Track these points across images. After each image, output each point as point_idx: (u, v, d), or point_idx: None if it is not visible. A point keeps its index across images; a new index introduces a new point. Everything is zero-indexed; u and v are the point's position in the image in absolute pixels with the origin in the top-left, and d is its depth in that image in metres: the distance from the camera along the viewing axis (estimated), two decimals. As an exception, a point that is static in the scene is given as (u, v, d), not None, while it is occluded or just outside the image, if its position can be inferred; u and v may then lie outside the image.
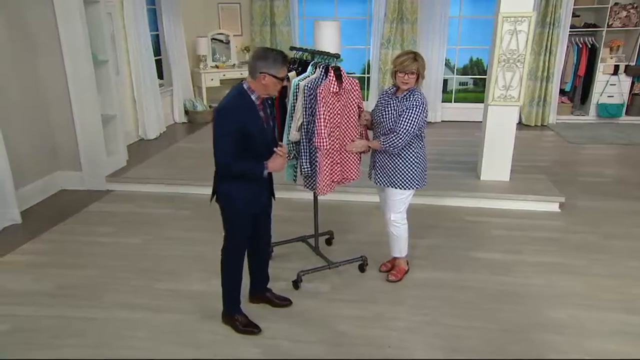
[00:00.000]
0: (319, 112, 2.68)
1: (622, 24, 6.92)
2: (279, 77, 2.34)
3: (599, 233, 3.89)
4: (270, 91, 2.40)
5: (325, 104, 2.70)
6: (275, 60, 2.32)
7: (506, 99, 4.49)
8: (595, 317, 2.84)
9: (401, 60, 2.81)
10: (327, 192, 2.93)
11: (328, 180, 2.88)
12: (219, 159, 2.37)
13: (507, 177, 4.69)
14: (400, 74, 2.81)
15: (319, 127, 2.71)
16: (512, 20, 4.23)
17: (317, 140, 2.72)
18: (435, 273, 3.35)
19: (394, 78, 2.88)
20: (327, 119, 2.72)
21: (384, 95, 3.02)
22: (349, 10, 7.87)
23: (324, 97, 2.70)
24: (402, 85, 2.85)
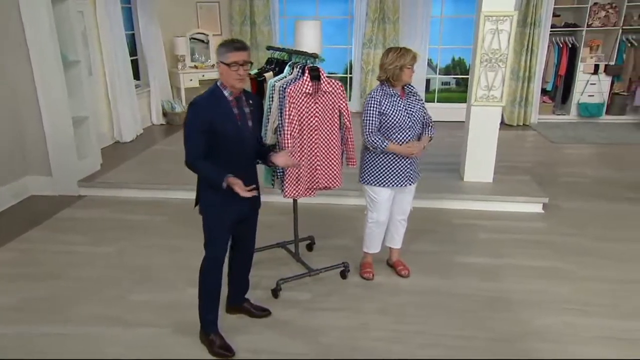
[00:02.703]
0: (285, 112, 2.57)
1: (602, 23, 6.96)
2: (226, 63, 2.21)
3: (585, 235, 3.85)
4: (228, 81, 2.25)
5: (295, 105, 2.60)
6: (225, 46, 2.21)
7: (489, 99, 4.43)
8: (587, 323, 2.78)
9: (411, 56, 2.84)
10: (298, 196, 2.82)
11: (295, 183, 2.76)
12: (186, 156, 2.27)
13: (490, 178, 4.64)
14: (408, 70, 2.84)
15: (284, 127, 2.59)
16: (494, 19, 4.18)
17: (281, 139, 2.61)
18: (421, 279, 3.26)
19: (399, 75, 2.83)
20: (293, 120, 2.60)
21: (388, 98, 2.89)
22: (330, 9, 7.78)
23: (293, 97, 2.59)
24: (408, 79, 2.88)
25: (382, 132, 2.93)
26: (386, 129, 2.91)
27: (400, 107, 2.90)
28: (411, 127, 2.92)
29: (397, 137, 2.92)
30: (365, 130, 2.92)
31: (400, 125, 2.90)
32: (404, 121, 2.90)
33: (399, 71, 2.83)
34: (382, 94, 2.91)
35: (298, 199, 3.03)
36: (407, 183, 3.04)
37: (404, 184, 3.03)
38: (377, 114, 2.90)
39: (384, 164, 2.97)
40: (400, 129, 2.91)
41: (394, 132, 2.91)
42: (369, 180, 3.04)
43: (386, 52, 2.93)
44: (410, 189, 3.14)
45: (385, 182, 2.99)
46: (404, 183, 3.02)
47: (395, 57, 2.83)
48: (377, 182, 3.01)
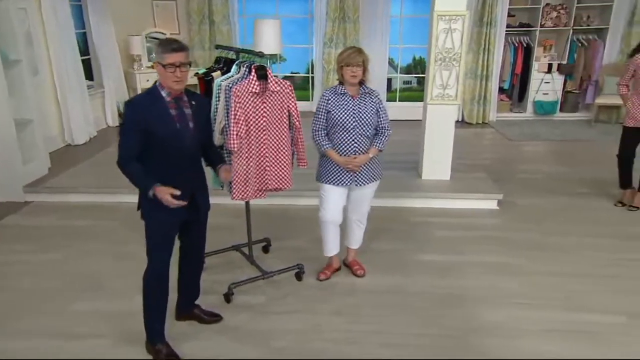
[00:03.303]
0: (231, 112, 2.51)
1: (554, 24, 7.17)
2: (163, 64, 2.13)
3: (537, 230, 3.93)
4: (166, 82, 2.17)
5: (241, 104, 2.54)
6: (162, 47, 2.13)
7: (444, 98, 4.48)
8: (533, 317, 2.82)
9: (347, 54, 2.79)
10: (247, 198, 2.76)
11: (243, 185, 2.70)
12: (118, 159, 2.18)
13: (447, 176, 4.69)
14: (348, 68, 2.78)
15: (230, 127, 2.53)
16: (446, 18, 4.22)
17: (227, 140, 2.55)
18: (378, 278, 3.25)
19: (341, 74, 2.82)
20: (240, 120, 2.54)
21: (337, 97, 2.87)
22: (290, 8, 7.72)
23: (239, 96, 2.53)
24: (350, 79, 2.81)
25: (328, 130, 2.91)
26: (331, 127, 2.89)
27: (347, 107, 2.86)
28: (356, 128, 2.86)
29: (340, 136, 2.88)
30: (312, 127, 2.92)
31: (343, 125, 2.86)
32: (348, 121, 2.85)
33: (340, 70, 2.82)
34: (332, 92, 2.90)
35: (247, 201, 2.95)
36: (358, 184, 3.00)
37: (354, 184, 2.99)
38: (325, 111, 2.88)
39: (332, 162, 2.93)
40: (343, 128, 2.86)
41: (337, 131, 2.88)
42: (321, 177, 3.01)
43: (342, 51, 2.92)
44: (364, 189, 3.09)
45: (334, 180, 2.96)
46: (351, 183, 2.98)
47: (338, 56, 2.84)
48: (327, 180, 2.98)
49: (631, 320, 2.77)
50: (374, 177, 3.08)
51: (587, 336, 2.65)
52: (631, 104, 4.13)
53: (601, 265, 3.37)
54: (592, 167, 5.36)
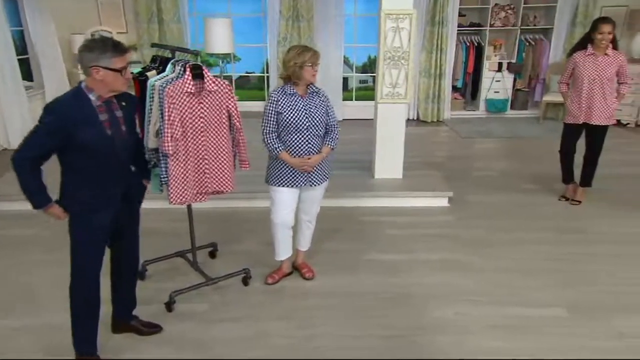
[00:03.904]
0: (165, 113, 2.40)
1: (502, 23, 7.35)
2: (114, 69, 2.01)
3: (485, 227, 3.99)
4: (115, 86, 2.07)
5: (175, 105, 2.43)
6: (104, 49, 1.99)
7: (394, 97, 4.49)
8: (480, 313, 2.85)
9: (311, 53, 2.76)
10: (186, 202, 2.66)
11: (180, 188, 2.59)
12: (18, 152, 2.04)
13: (400, 174, 4.70)
14: (310, 68, 2.75)
15: (164, 129, 2.42)
16: (394, 17, 4.23)
17: (161, 143, 2.44)
18: (327, 280, 3.20)
19: (300, 74, 2.75)
20: (174, 122, 2.44)
21: (287, 98, 2.81)
22: (243, 7, 7.58)
23: (173, 96, 2.42)
24: (311, 78, 2.80)
25: (279, 132, 2.85)
26: (283, 128, 2.83)
27: (299, 107, 2.82)
28: (309, 128, 2.84)
29: (294, 137, 2.83)
30: (262, 130, 2.84)
31: (297, 126, 2.81)
32: (302, 122, 2.82)
33: (299, 70, 2.75)
34: (281, 92, 2.83)
35: (189, 205, 2.84)
36: (311, 184, 2.97)
37: (307, 184, 2.95)
38: (275, 113, 2.81)
39: (284, 163, 2.88)
40: (297, 129, 2.82)
41: (290, 132, 2.83)
42: (271, 180, 2.94)
43: (288, 49, 2.86)
44: (316, 190, 3.06)
45: (286, 182, 2.90)
46: (305, 183, 2.94)
47: (294, 55, 2.76)
48: (278, 182, 2.92)
49: (571, 312, 2.84)
50: (326, 176, 3.07)
51: (530, 330, 2.70)
52: (570, 102, 4.26)
53: (544, 260, 3.45)
54: (539, 163, 5.50)
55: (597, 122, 4.17)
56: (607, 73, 4.07)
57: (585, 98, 4.14)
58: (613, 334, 2.66)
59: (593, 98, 4.12)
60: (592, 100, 4.12)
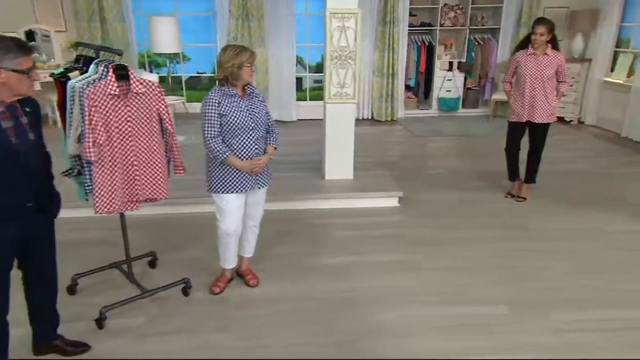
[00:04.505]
0: (85, 117, 2.24)
1: (452, 23, 7.47)
2: (20, 70, 1.85)
3: (434, 225, 4.00)
4: (20, 90, 1.90)
5: (97, 108, 2.28)
6: (7, 49, 1.82)
7: (342, 97, 4.44)
8: (425, 314, 2.83)
9: (248, 54, 2.67)
10: (114, 211, 2.50)
11: (107, 197, 2.44)
12: None
13: (350, 175, 4.66)
14: (249, 67, 2.68)
15: (85, 134, 2.27)
16: (339, 16, 4.18)
17: (82, 149, 2.28)
18: (272, 287, 3.11)
19: (238, 74, 2.66)
20: (97, 126, 2.29)
21: (228, 99, 2.70)
22: (191, 6, 7.37)
23: (94, 99, 2.27)
24: (249, 78, 2.73)
25: (223, 136, 2.72)
26: (227, 131, 2.71)
27: (242, 108, 2.73)
28: (254, 128, 2.76)
29: (240, 140, 2.73)
30: (205, 135, 2.70)
31: (242, 127, 2.71)
32: (247, 122, 2.72)
33: (237, 70, 2.66)
34: (220, 94, 2.72)
35: (115, 214, 2.68)
36: (258, 186, 2.88)
37: (254, 187, 2.85)
38: (217, 116, 2.69)
39: (230, 168, 2.76)
40: (242, 130, 2.72)
41: (236, 134, 2.72)
42: (216, 187, 2.81)
43: (223, 49, 2.74)
44: (261, 192, 2.97)
45: (234, 187, 2.79)
46: (253, 186, 2.84)
47: (232, 56, 2.66)
48: (224, 189, 2.79)
49: (512, 310, 2.86)
50: (270, 177, 3.00)
51: (472, 330, 2.69)
52: (513, 100, 4.34)
53: (488, 257, 3.48)
54: (488, 160, 5.60)
55: (539, 120, 4.26)
56: (548, 72, 4.17)
57: (528, 97, 4.22)
58: (552, 329, 2.69)
59: (535, 97, 4.21)
60: (534, 98, 4.21)
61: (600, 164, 5.58)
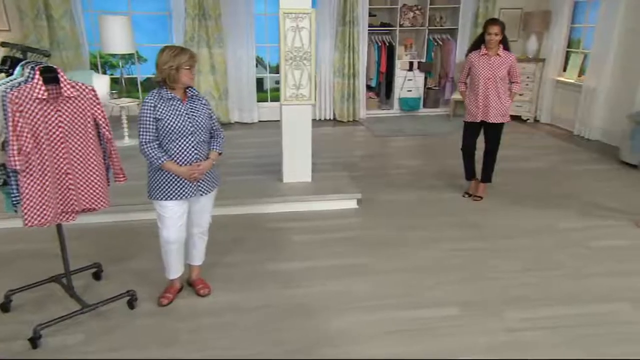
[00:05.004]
0: (9, 123, 2.10)
1: (411, 24, 7.52)
2: None
3: (392, 227, 3.98)
4: None
5: (23, 113, 2.13)
6: None
7: (298, 98, 4.38)
8: (377, 319, 2.79)
9: (187, 56, 2.58)
10: (46, 224, 2.36)
11: (38, 208, 2.30)
12: None
13: (309, 177, 4.60)
14: (188, 70, 2.59)
15: (9, 141, 2.12)
16: (293, 16, 4.11)
17: (7, 158, 2.14)
18: (223, 296, 3.01)
19: (177, 77, 2.56)
20: (23, 132, 2.14)
21: (165, 103, 2.60)
22: (146, 5, 7.15)
23: (19, 103, 2.12)
24: (189, 81, 2.63)
25: (160, 140, 2.62)
26: (165, 135, 2.61)
27: (180, 112, 2.63)
28: (194, 133, 2.66)
29: (178, 145, 2.63)
30: (140, 139, 2.60)
31: (180, 132, 2.61)
32: (186, 127, 2.62)
33: (175, 72, 2.57)
34: (157, 97, 2.62)
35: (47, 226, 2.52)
36: (200, 193, 2.77)
37: (196, 194, 2.75)
38: (153, 120, 2.59)
39: (169, 174, 2.66)
40: (181, 135, 2.62)
41: (173, 139, 2.62)
42: (156, 194, 2.70)
43: (161, 50, 2.64)
44: (207, 199, 2.87)
45: (173, 194, 2.68)
46: (194, 193, 2.74)
47: (170, 57, 2.56)
48: (164, 196, 2.68)
49: (462, 310, 2.86)
50: (216, 183, 2.90)
51: (424, 333, 2.67)
52: (468, 101, 4.38)
53: (443, 257, 3.49)
54: (447, 159, 5.65)
55: (493, 120, 4.31)
56: (500, 73, 4.22)
57: (482, 97, 4.26)
58: (503, 329, 2.70)
59: (488, 97, 4.25)
60: (488, 99, 4.26)
61: (554, 161, 5.72)
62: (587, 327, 2.71)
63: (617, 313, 2.85)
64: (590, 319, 2.79)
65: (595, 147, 6.27)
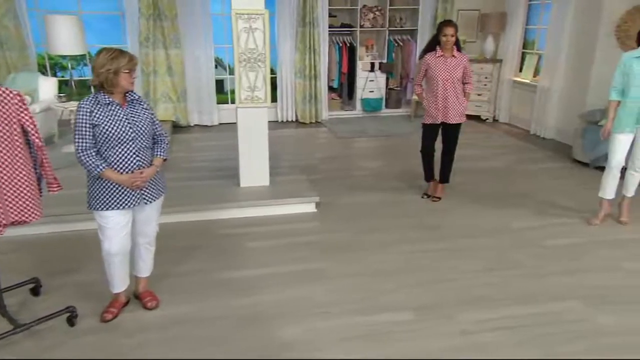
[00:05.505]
0: None
1: (371, 24, 7.53)
2: None
3: (351, 230, 3.92)
4: None
5: None
6: None
7: (253, 101, 4.27)
8: (333, 325, 2.72)
9: (126, 59, 2.45)
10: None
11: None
12: None
13: (266, 181, 4.50)
14: (128, 74, 2.47)
15: None
16: (245, 17, 4.00)
17: None
18: (172, 308, 2.87)
19: (115, 81, 2.44)
20: None
21: (102, 108, 2.46)
22: (97, 4, 6.86)
23: None
24: (130, 86, 2.51)
25: (98, 147, 2.48)
26: (103, 142, 2.47)
27: (120, 117, 2.49)
28: (135, 139, 2.52)
29: (118, 152, 2.49)
30: (76, 147, 2.45)
31: (120, 138, 2.48)
32: (126, 133, 2.49)
33: (114, 76, 2.43)
34: (94, 102, 2.48)
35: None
36: (144, 201, 2.64)
37: (139, 202, 2.61)
38: (89, 126, 2.45)
39: (110, 183, 2.51)
40: (121, 141, 2.49)
41: (112, 146, 2.48)
42: (96, 204, 2.55)
43: (97, 53, 2.50)
44: (152, 207, 2.73)
45: (114, 203, 2.54)
46: (138, 202, 2.61)
47: (107, 60, 2.42)
48: (104, 206, 2.54)
49: (419, 314, 2.83)
50: (162, 190, 2.77)
51: (379, 339, 2.62)
52: (427, 103, 4.38)
53: (400, 260, 3.46)
54: (408, 160, 5.65)
55: (453, 120, 4.32)
56: (457, 73, 4.24)
57: (441, 98, 4.27)
58: (458, 331, 2.68)
59: (448, 98, 4.26)
60: (447, 100, 4.26)
61: (511, 160, 5.82)
62: (542, 327, 2.72)
63: (571, 311, 2.87)
64: (545, 318, 2.81)
65: (550, 145, 6.42)
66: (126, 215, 2.63)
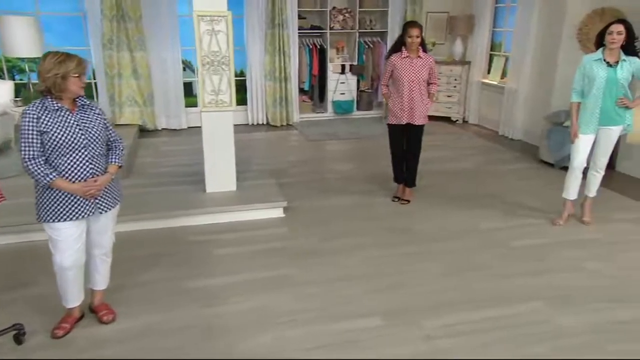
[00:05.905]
0: None
1: (341, 26, 7.50)
2: None
3: (319, 235, 3.86)
4: None
5: None
6: None
7: (218, 104, 4.17)
8: (300, 335, 2.65)
9: (75, 63, 2.34)
10: None
11: None
12: None
13: (233, 186, 4.40)
14: (77, 78, 2.36)
15: None
16: (207, 19, 3.90)
17: None
18: (130, 321, 2.75)
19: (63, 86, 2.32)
20: None
21: (51, 114, 2.34)
22: (56, 5, 6.62)
23: None
24: (79, 90, 2.40)
25: (47, 155, 2.35)
26: (52, 150, 2.35)
27: (70, 123, 2.38)
28: (87, 146, 2.41)
29: (70, 159, 2.38)
30: (23, 156, 2.33)
31: (71, 145, 2.36)
32: (77, 139, 2.37)
33: (62, 81, 2.32)
34: (41, 108, 2.35)
35: None
36: (103, 210, 2.53)
37: (94, 212, 2.49)
38: (36, 133, 2.33)
39: (60, 192, 2.39)
40: (72, 149, 2.37)
41: (63, 154, 2.36)
42: (46, 216, 2.43)
43: (43, 56, 2.38)
44: (107, 217, 2.61)
45: (71, 214, 2.42)
46: (92, 211, 2.49)
47: (54, 64, 2.31)
48: (55, 217, 2.41)
49: (385, 320, 2.78)
50: (117, 199, 2.65)
51: (346, 346, 2.57)
52: (392, 103, 4.36)
53: (368, 265, 3.41)
54: (379, 162, 5.61)
55: (418, 122, 4.32)
56: (423, 74, 4.24)
57: (407, 99, 4.25)
58: (422, 337, 2.65)
59: (413, 99, 4.25)
60: (413, 101, 4.25)
61: (480, 161, 5.87)
62: (506, 329, 2.71)
63: (535, 312, 2.88)
64: (509, 320, 2.80)
65: (518, 146, 6.51)
66: (80, 226, 2.50)
